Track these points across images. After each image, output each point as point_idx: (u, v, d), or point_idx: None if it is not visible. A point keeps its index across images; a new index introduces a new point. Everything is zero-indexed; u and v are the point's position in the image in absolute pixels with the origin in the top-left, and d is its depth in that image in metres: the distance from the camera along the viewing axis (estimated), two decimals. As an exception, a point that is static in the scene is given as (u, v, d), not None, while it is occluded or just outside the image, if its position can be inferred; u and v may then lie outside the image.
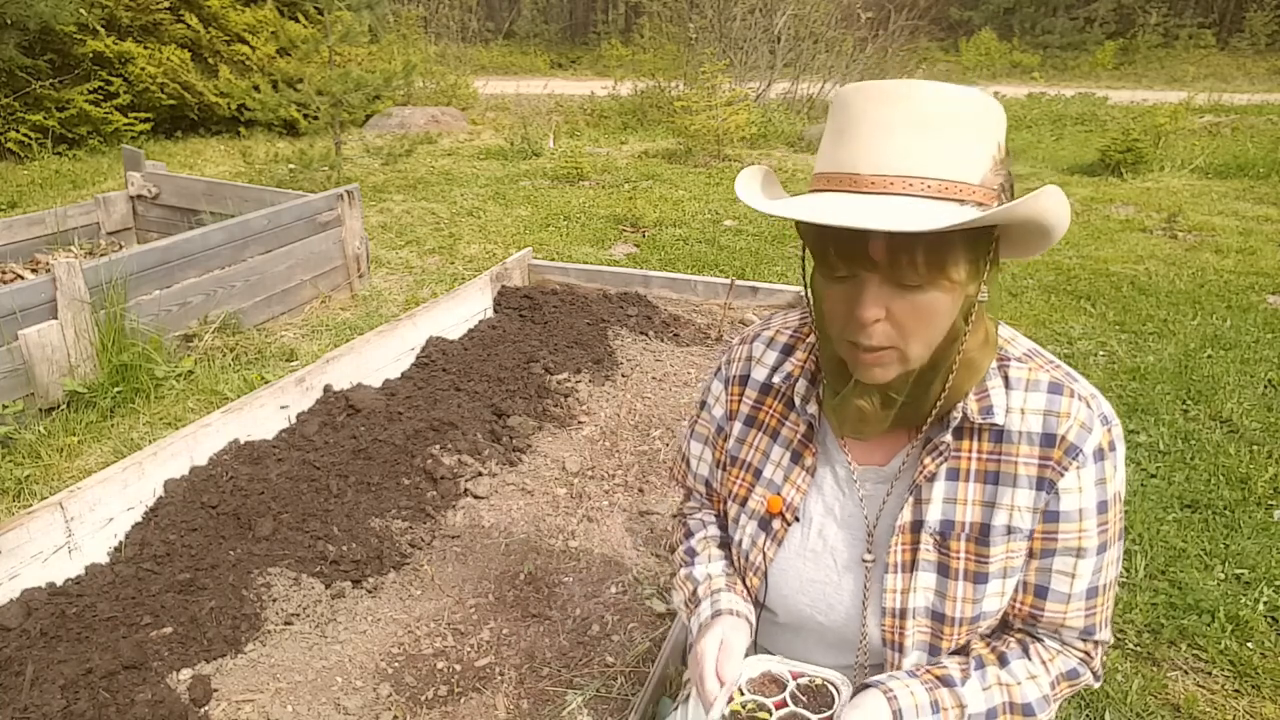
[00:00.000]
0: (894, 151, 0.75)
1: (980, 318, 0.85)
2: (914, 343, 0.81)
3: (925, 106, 0.75)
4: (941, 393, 0.86)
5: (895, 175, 0.74)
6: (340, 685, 1.75)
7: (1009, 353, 0.89)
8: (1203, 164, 7.57)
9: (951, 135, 0.75)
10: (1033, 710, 0.88)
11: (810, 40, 11.65)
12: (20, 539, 1.82)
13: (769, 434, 1.01)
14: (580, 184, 7.12)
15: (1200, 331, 3.70)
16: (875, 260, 0.76)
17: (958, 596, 0.89)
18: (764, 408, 1.03)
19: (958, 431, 0.88)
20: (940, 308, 0.79)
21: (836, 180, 0.77)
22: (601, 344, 3.35)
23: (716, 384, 1.08)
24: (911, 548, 0.90)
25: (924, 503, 0.89)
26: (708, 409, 1.10)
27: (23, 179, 6.83)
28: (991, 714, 0.87)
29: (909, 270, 0.76)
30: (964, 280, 0.79)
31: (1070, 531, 0.86)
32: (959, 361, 0.84)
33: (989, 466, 0.87)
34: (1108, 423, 0.86)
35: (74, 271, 2.82)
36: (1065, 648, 0.92)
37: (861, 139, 0.76)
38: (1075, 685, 0.93)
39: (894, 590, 0.91)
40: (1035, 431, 0.85)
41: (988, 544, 0.87)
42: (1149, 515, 2.33)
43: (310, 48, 6.62)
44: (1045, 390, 0.86)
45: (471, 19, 21.16)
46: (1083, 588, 0.88)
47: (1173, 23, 23.18)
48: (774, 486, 0.99)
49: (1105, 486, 0.86)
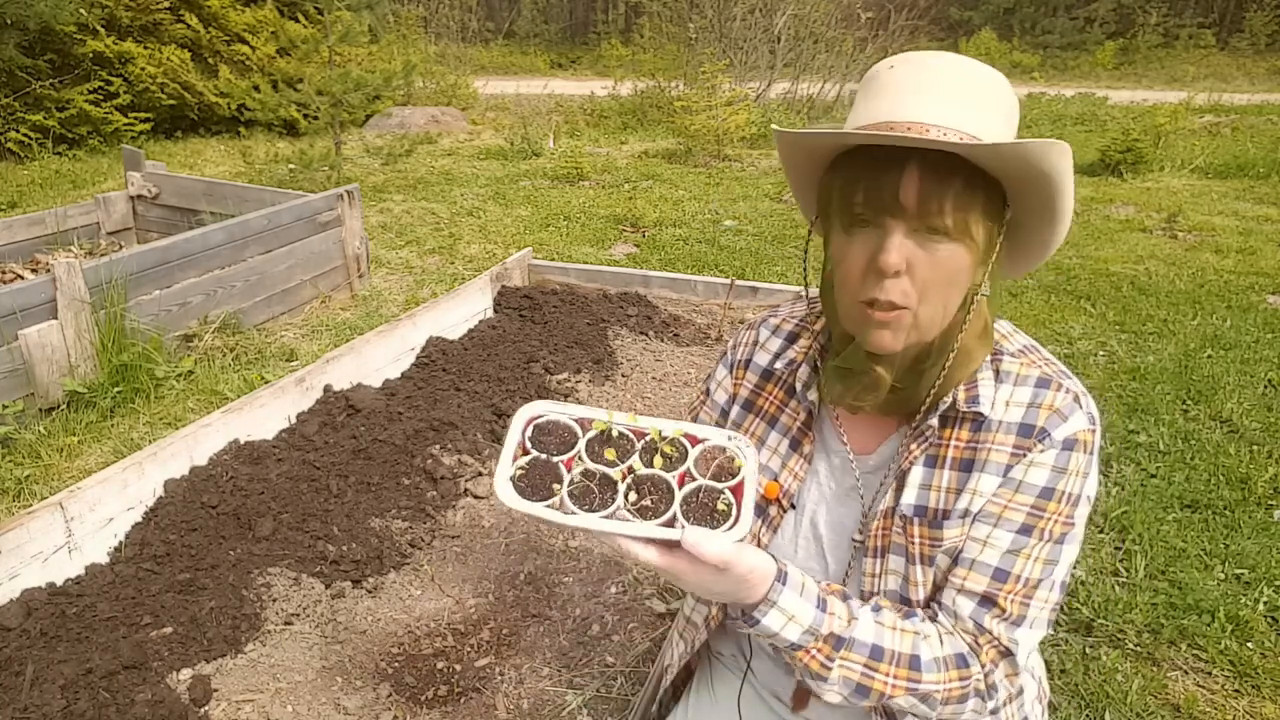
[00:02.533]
0: (930, 104, 0.78)
1: (980, 309, 0.86)
2: (928, 304, 0.81)
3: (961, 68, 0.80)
4: (936, 380, 0.86)
5: (931, 124, 0.77)
6: (340, 685, 1.75)
7: (1004, 347, 0.90)
8: (1203, 164, 7.57)
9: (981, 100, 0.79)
10: (919, 667, 0.83)
11: (810, 40, 11.64)
12: (20, 539, 1.82)
13: (767, 420, 1.02)
14: (580, 184, 7.12)
15: (1200, 331, 3.70)
16: (904, 206, 0.77)
17: (917, 580, 0.89)
18: (764, 394, 1.03)
19: (943, 419, 0.88)
20: (961, 264, 0.80)
21: (871, 129, 0.79)
22: (601, 344, 3.35)
23: (721, 369, 1.09)
24: (884, 532, 0.91)
25: (905, 488, 0.89)
26: (711, 395, 1.10)
27: (23, 179, 6.83)
28: (878, 651, 0.83)
29: (937, 216, 0.77)
30: (983, 244, 0.81)
31: (1000, 499, 0.84)
32: (957, 348, 0.84)
33: (965, 454, 0.87)
34: (1092, 423, 0.85)
35: (74, 271, 2.82)
36: (956, 625, 0.86)
37: (897, 94, 0.80)
38: (965, 684, 0.84)
39: (870, 574, 0.92)
40: (1015, 421, 0.85)
41: (940, 527, 0.87)
42: (1149, 515, 2.32)
43: (310, 48, 6.62)
44: (1033, 385, 0.86)
45: (471, 19, 21.15)
46: (991, 560, 0.84)
47: (1173, 23, 23.16)
48: (770, 473, 0.99)
49: (1062, 477, 0.83)
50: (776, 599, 0.80)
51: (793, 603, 0.81)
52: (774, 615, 0.80)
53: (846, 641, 0.82)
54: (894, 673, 0.83)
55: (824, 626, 0.81)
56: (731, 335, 1.12)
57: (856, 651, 0.82)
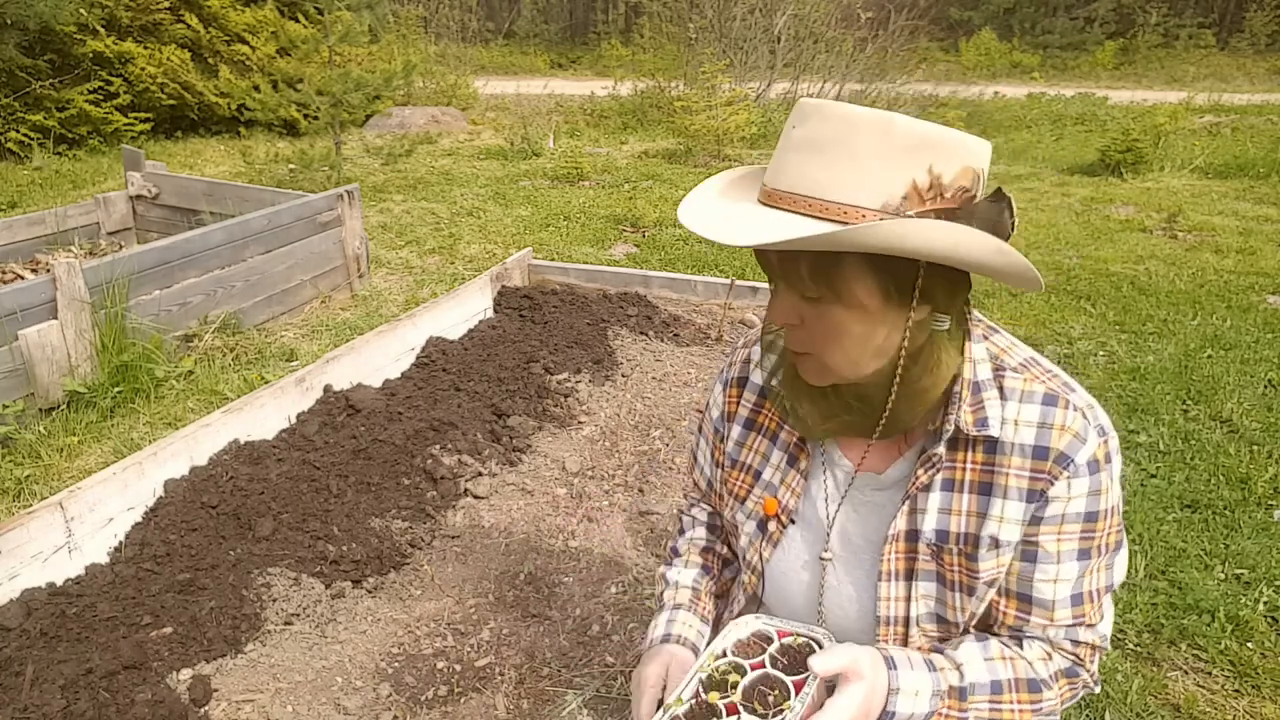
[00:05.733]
0: (792, 170, 0.77)
1: (934, 347, 0.83)
2: (828, 354, 0.82)
3: (820, 129, 0.75)
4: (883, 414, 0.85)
5: (789, 192, 0.76)
6: (340, 685, 1.75)
7: (1005, 362, 0.88)
8: (1203, 164, 7.57)
9: (845, 160, 0.74)
10: (1039, 688, 0.87)
11: (810, 40, 11.65)
12: (20, 539, 1.82)
13: (768, 437, 1.02)
14: (580, 184, 7.12)
15: (1200, 331, 3.70)
16: (774, 268, 0.81)
17: (957, 605, 0.89)
18: (763, 411, 1.03)
19: (952, 442, 0.87)
20: (846, 326, 0.80)
21: (761, 192, 0.81)
22: (601, 344, 3.35)
23: (717, 386, 1.10)
24: (907, 557, 0.90)
25: (919, 512, 0.89)
26: (708, 410, 1.12)
27: (23, 179, 6.83)
28: (997, 686, 0.86)
29: (799, 281, 0.79)
30: (878, 305, 0.78)
31: (1050, 535, 0.85)
32: (896, 391, 0.83)
33: (983, 477, 0.86)
34: (1104, 434, 0.84)
35: (74, 271, 2.82)
36: (1056, 650, 0.90)
37: (777, 154, 0.79)
38: (1075, 686, 0.91)
39: (888, 598, 0.92)
40: (1028, 444, 0.84)
41: (976, 559, 0.87)
42: (1149, 515, 2.32)
43: (310, 48, 6.62)
44: (1040, 402, 0.84)
45: (471, 19, 21.15)
46: (1066, 593, 0.86)
47: (1173, 23, 23.17)
48: (771, 489, 1.00)
49: (1099, 498, 0.84)
50: (899, 684, 0.83)
51: (910, 679, 0.83)
52: (904, 700, 0.82)
53: (968, 689, 0.85)
54: (1016, 699, 0.87)
55: (942, 684, 0.85)
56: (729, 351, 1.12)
57: (979, 694, 0.86)
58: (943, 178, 0.74)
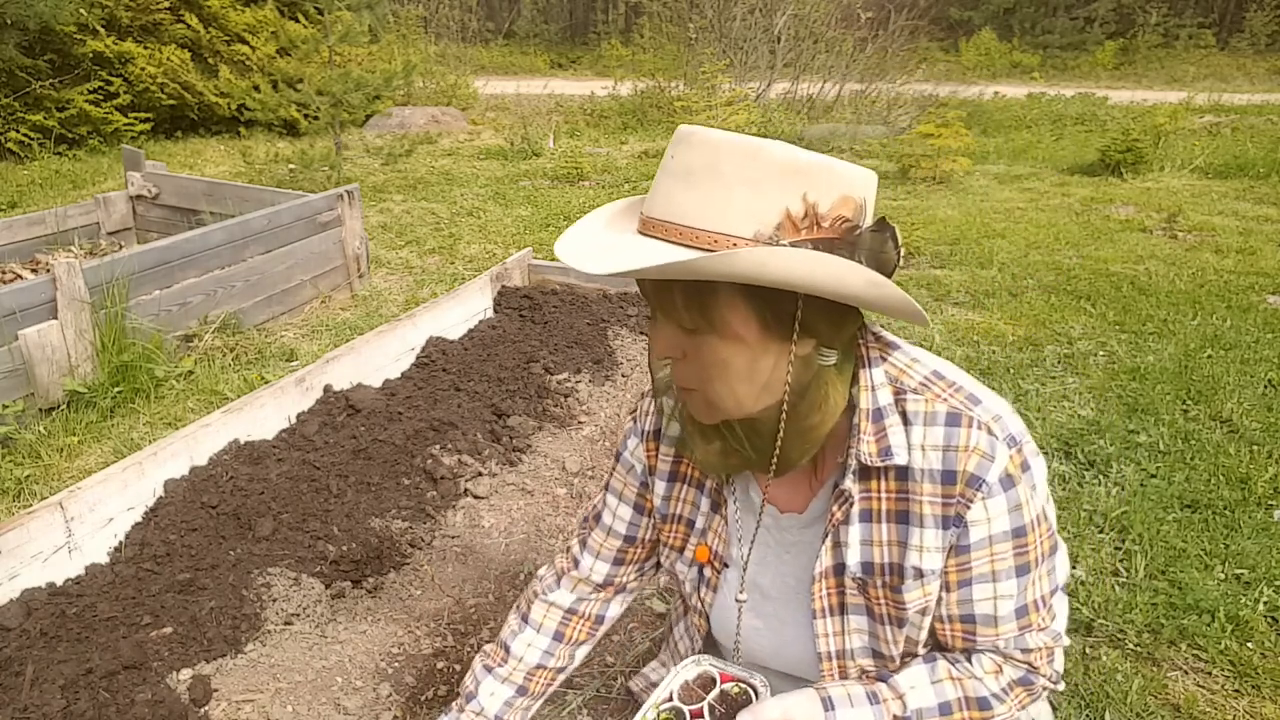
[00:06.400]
0: (663, 197, 0.75)
1: (821, 383, 0.81)
2: (711, 389, 0.80)
3: (689, 156, 0.74)
4: (775, 450, 0.83)
5: (661, 220, 0.75)
6: (340, 685, 1.75)
7: (905, 384, 0.84)
8: (1203, 164, 7.57)
9: (712, 186, 0.72)
10: (989, 704, 0.87)
11: (810, 40, 11.64)
12: (20, 539, 1.82)
13: (694, 485, 1.01)
14: (580, 184, 7.12)
15: (1200, 331, 3.70)
16: (651, 299, 0.79)
17: (889, 638, 0.89)
18: (684, 461, 1.01)
19: (865, 472, 0.85)
20: (726, 359, 0.77)
21: (640, 221, 0.80)
22: (601, 344, 3.35)
23: (633, 439, 1.06)
24: (837, 592, 0.90)
25: (842, 546, 0.87)
26: (624, 463, 1.08)
27: (23, 179, 6.83)
28: (946, 707, 0.85)
29: (675, 312, 0.77)
30: (756, 337, 0.76)
31: (983, 558, 0.83)
32: (784, 428, 0.81)
33: (899, 506, 0.84)
34: (1015, 443, 0.81)
35: (74, 271, 2.82)
36: (1007, 660, 0.89)
37: (655, 182, 0.78)
38: (1032, 691, 0.90)
39: (825, 634, 0.92)
40: (936, 469, 0.81)
41: (901, 590, 0.85)
42: (1149, 515, 2.32)
43: (310, 48, 6.62)
44: (943, 423, 0.81)
45: (471, 19, 21.15)
46: (1010, 609, 0.85)
47: (1173, 23, 23.17)
48: (703, 535, 1.00)
49: (1021, 512, 0.81)
50: None
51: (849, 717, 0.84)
52: None
53: (912, 716, 0.85)
54: (967, 716, 0.87)
55: (885, 716, 0.85)
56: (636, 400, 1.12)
57: (927, 718, 0.86)
58: (818, 206, 0.72)
